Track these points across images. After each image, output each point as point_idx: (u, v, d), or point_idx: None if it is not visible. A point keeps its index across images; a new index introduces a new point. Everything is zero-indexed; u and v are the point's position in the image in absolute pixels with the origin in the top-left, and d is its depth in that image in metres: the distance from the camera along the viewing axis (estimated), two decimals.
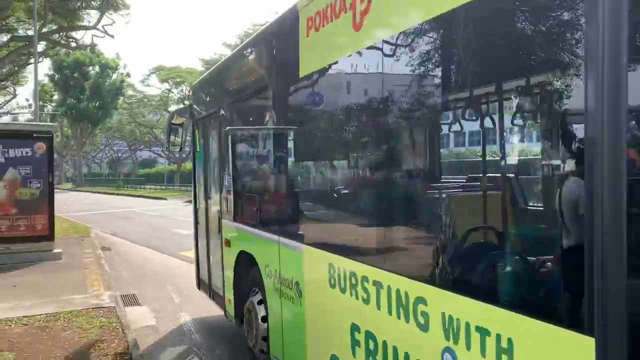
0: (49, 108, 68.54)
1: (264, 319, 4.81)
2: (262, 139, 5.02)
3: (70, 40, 27.99)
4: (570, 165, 1.91)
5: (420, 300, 2.49)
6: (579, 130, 1.80)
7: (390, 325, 2.72)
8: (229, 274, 5.59)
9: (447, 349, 2.31)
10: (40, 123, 26.15)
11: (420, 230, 2.82)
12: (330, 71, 3.35)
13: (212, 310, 7.00)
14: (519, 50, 2.06)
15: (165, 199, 37.04)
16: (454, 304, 2.29)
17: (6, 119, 74.12)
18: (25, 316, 6.95)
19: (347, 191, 3.47)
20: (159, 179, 55.96)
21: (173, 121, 7.67)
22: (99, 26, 24.68)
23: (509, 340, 1.99)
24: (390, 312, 2.71)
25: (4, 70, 33.44)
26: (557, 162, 2.00)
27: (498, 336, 2.04)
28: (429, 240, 2.67)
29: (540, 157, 2.07)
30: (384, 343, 2.80)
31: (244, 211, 5.26)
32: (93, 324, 6.58)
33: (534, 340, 1.91)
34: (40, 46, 26.11)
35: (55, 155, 13.50)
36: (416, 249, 2.76)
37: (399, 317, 2.64)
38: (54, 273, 9.89)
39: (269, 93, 4.54)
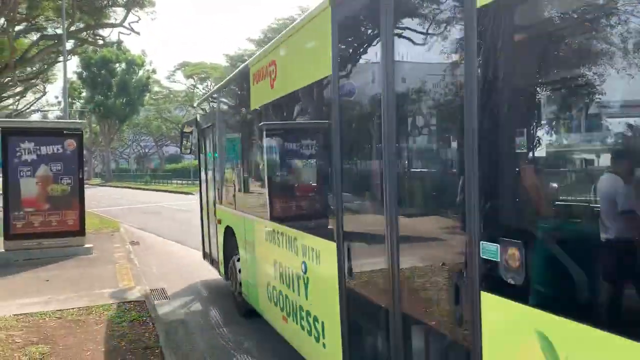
0: (78, 105, 69.64)
1: (240, 271, 6.77)
2: (234, 147, 7.00)
3: (98, 38, 28.38)
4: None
5: (295, 239, 4.52)
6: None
7: (285, 254, 4.80)
8: (220, 243, 7.73)
9: (303, 262, 4.28)
10: (70, 120, 26.62)
11: (291, 207, 5.10)
12: (264, 108, 5.37)
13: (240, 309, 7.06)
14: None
15: (192, 193, 37.38)
16: (305, 239, 4.29)
17: (36, 116, 75.35)
18: (59, 310, 7.10)
19: (271, 182, 5.35)
20: (185, 174, 56.54)
21: (184, 130, 9.95)
22: (125, 23, 25.00)
23: (318, 251, 3.95)
24: (283, 247, 4.81)
25: (34, 68, 34.09)
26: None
27: (318, 250, 3.98)
28: (299, 211, 4.90)
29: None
30: (282, 264, 4.92)
31: (227, 197, 7.30)
32: (124, 318, 6.70)
33: (321, 249, 4.00)
34: (69, 44, 26.51)
35: (84, 152, 13.74)
36: (295, 216, 4.91)
37: (287, 249, 4.71)
38: (85, 267, 10.09)
39: (236, 116, 6.90)
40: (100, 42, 29.63)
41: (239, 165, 6.74)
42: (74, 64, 64.13)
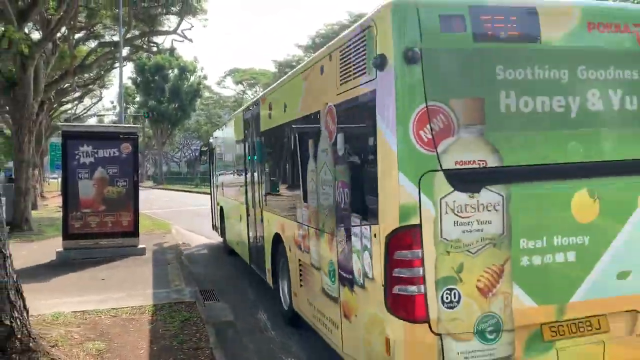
0: (132, 109, 71.72)
1: (222, 230, 12.37)
2: (231, 162, 10.95)
3: (152, 45, 29.20)
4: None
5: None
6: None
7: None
8: (217, 215, 12.99)
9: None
10: (127, 125, 27.43)
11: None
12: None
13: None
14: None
15: None
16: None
17: (93, 120, 78.05)
18: (114, 308, 7.32)
19: (238, 197, 9.36)
20: None
21: (202, 148, 15.63)
22: (179, 31, 25.59)
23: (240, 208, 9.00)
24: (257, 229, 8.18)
25: (92, 74, 35.38)
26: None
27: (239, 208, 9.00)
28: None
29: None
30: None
31: (222, 190, 12.22)
32: (175, 318, 6.84)
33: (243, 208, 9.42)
34: (125, 51, 27.38)
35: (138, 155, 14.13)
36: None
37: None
38: (139, 267, 10.37)
39: (249, 138, 8.89)
40: (154, 49, 30.47)
41: (233, 173, 10.73)
42: (128, 70, 66.23)
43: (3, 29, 16.94)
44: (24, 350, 5.04)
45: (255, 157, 8.18)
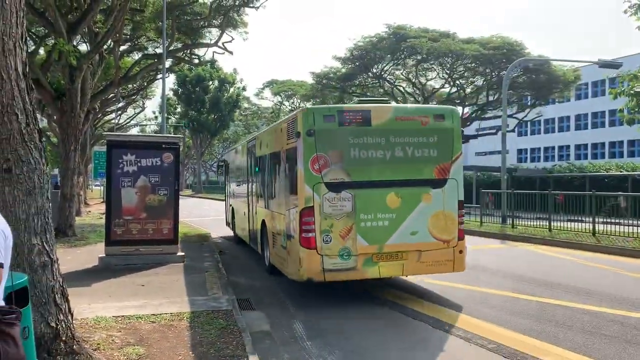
0: (173, 120, 73.20)
1: (233, 225, 16.98)
2: (238, 175, 15.68)
3: (193, 57, 29.81)
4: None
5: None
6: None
7: (254, 222, 12.48)
8: (229, 214, 17.67)
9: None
10: (167, 135, 28.00)
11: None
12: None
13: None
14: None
15: None
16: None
17: (135, 130, 79.77)
18: (154, 314, 7.44)
19: (242, 199, 14.43)
20: None
21: (219, 163, 21.23)
22: (219, 43, 26.04)
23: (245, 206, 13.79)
24: (252, 218, 12.94)
25: (135, 85, 36.31)
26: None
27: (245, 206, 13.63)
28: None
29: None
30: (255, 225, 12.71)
31: (232, 194, 17.01)
32: (213, 326, 6.90)
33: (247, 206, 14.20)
34: (167, 63, 27.98)
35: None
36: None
37: (253, 219, 12.79)
38: (177, 274, 10.53)
39: (248, 160, 13.41)
40: (196, 60, 31.09)
41: (237, 183, 16.22)
42: (170, 81, 67.59)
43: (54, 41, 17.58)
44: (68, 352, 5.17)
45: (253, 172, 12.98)
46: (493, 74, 37.17)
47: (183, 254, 12.26)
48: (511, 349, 6.35)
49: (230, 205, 17.77)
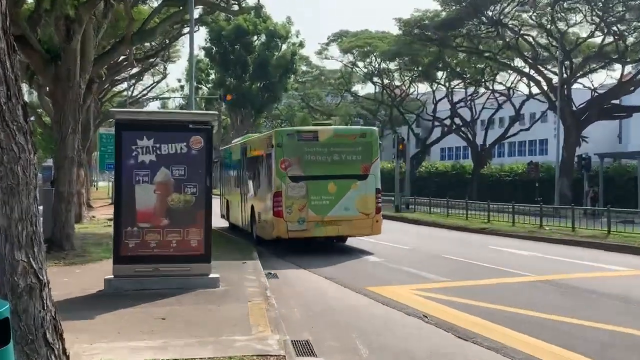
0: (204, 90, 74.39)
1: (228, 215, 29.82)
2: (232, 171, 28.80)
3: (232, 2, 29.99)
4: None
5: (248, 202, 24.11)
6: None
7: (246, 208, 24.51)
8: (224, 207, 30.58)
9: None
10: (197, 112, 28.40)
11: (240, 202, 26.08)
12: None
13: None
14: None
15: None
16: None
17: (155, 105, 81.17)
18: (176, 359, 7.57)
19: (236, 191, 26.96)
20: None
21: (214, 160, 24.37)
22: None
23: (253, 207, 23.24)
24: (244, 204, 25.10)
25: (154, 43, 37.12)
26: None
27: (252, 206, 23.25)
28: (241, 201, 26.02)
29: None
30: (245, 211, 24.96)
31: (227, 188, 30.38)
32: None
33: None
34: (196, 11, 28.41)
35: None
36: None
37: (244, 205, 24.91)
38: (210, 304, 10.70)
39: (239, 159, 26.71)
40: (235, 6, 31.22)
41: (228, 180, 29.83)
42: (201, 37, 68.79)
43: None
44: None
45: (246, 170, 24.37)
46: None
47: (217, 275, 12.41)
48: None
49: (225, 198, 30.02)
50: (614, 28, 38.39)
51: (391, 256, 18.72)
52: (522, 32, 41.89)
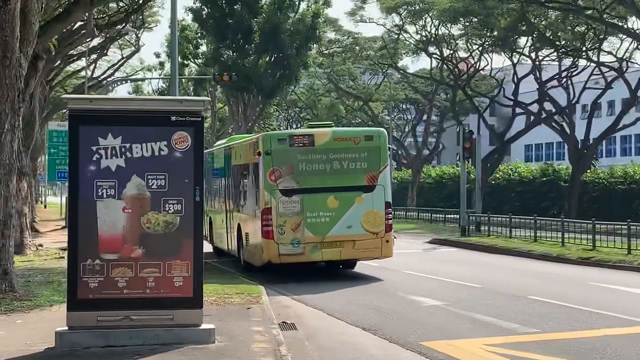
0: (192, 69, 74.32)
1: (211, 237, 35.29)
2: (215, 182, 35.59)
3: None
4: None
5: (234, 220, 29.80)
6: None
7: (232, 228, 30.14)
8: (207, 226, 33.62)
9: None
10: (182, 98, 28.43)
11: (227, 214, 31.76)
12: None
13: None
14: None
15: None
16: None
17: (124, 89, 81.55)
18: None
19: (220, 207, 33.16)
20: None
21: None
22: None
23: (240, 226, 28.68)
24: (229, 223, 30.95)
25: (124, 3, 37.24)
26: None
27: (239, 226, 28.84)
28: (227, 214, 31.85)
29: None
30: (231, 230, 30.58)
31: (207, 205, 31.87)
32: None
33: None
34: None
35: (204, 152, 14.42)
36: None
37: (230, 224, 30.84)
38: None
39: (223, 167, 33.31)
40: None
41: (214, 188, 34.95)
42: None
43: None
44: None
45: (230, 181, 30.96)
46: None
47: (212, 326, 12.38)
48: None
49: (208, 215, 32.40)
50: None
51: (455, 298, 18.42)
52: None
